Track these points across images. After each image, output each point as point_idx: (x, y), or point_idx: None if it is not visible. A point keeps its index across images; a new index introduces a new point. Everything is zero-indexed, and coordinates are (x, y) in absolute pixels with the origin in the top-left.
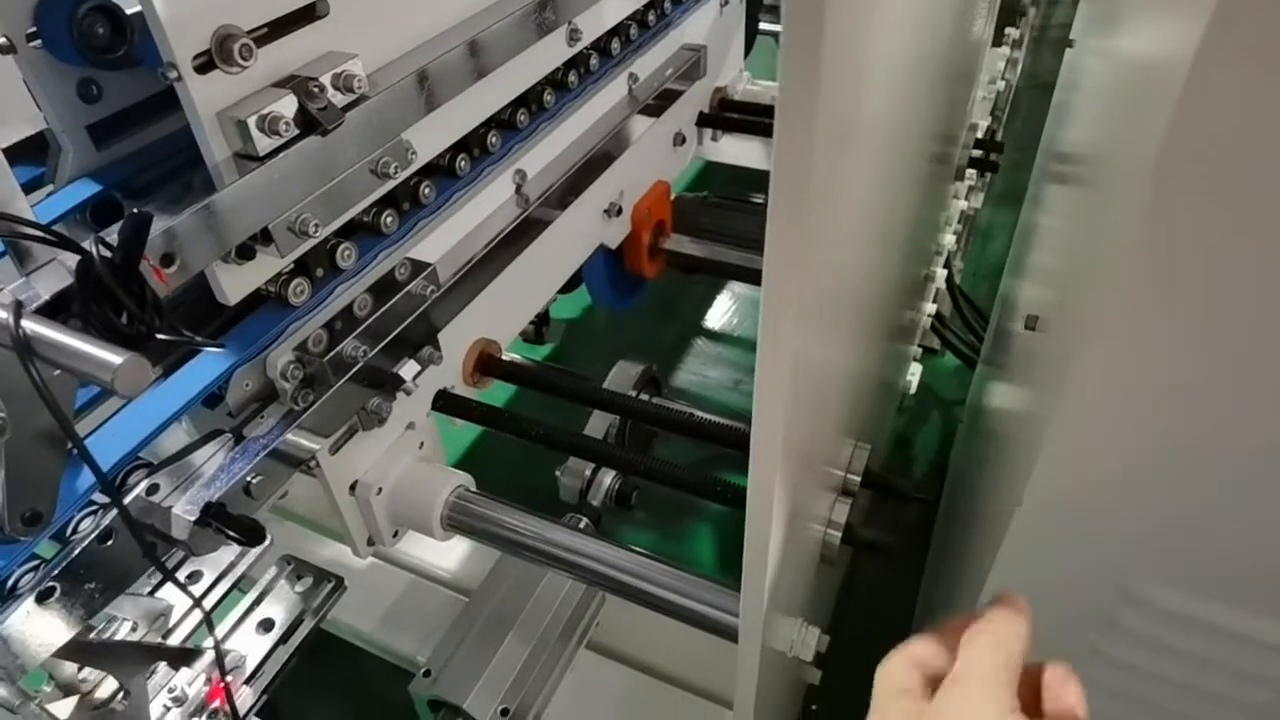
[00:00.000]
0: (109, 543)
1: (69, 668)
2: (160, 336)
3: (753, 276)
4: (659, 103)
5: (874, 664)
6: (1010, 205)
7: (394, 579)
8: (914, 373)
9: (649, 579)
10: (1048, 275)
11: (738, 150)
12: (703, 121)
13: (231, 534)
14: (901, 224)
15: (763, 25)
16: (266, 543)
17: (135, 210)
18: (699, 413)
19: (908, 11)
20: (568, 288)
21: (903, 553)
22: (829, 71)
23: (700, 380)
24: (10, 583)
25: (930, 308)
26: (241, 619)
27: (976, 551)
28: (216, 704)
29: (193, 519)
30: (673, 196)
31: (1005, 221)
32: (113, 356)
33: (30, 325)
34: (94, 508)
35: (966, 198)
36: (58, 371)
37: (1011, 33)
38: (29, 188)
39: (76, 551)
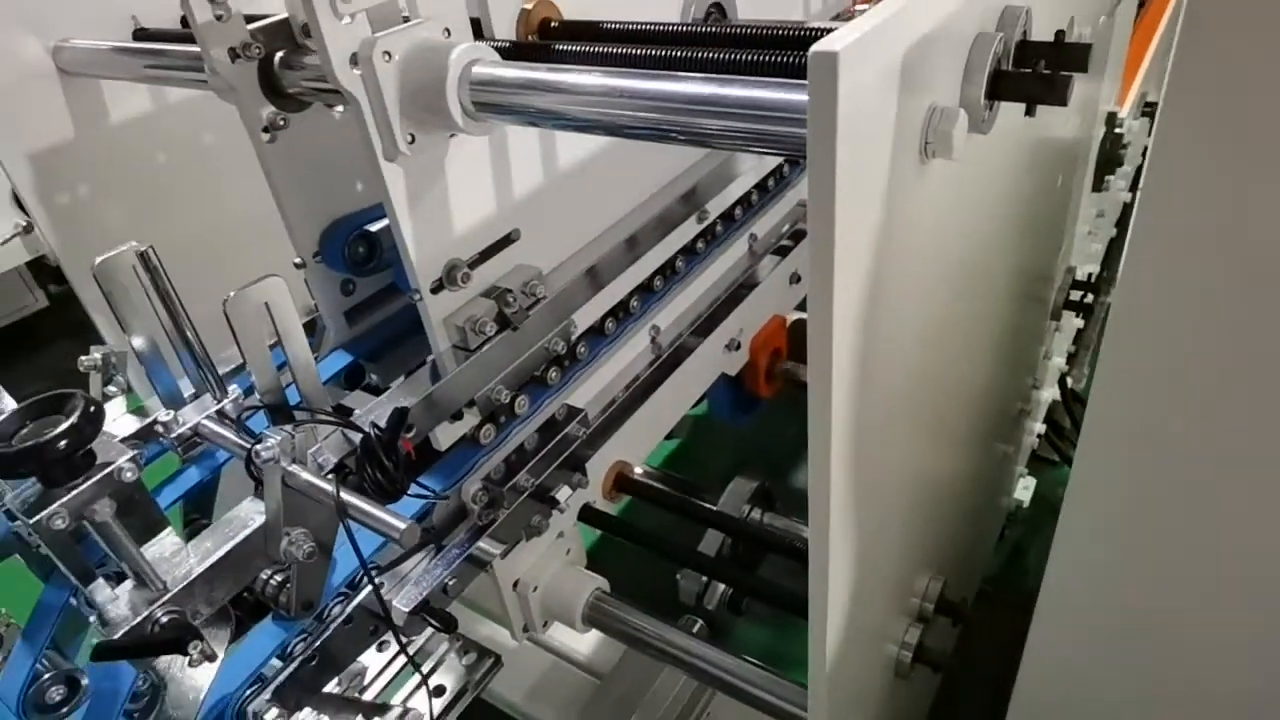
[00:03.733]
0: (350, 624)
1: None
2: (410, 495)
3: None
4: (778, 249)
5: None
6: None
7: (539, 658)
8: (1026, 487)
9: (749, 680)
10: None
11: None
12: None
13: (434, 623)
14: (973, 369)
15: None
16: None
17: (398, 407)
18: (804, 531)
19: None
20: None
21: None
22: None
23: None
24: (289, 649)
25: (1039, 428)
26: (419, 684)
27: None
28: None
29: (408, 609)
30: (790, 321)
31: None
32: (399, 522)
33: (346, 495)
34: (340, 598)
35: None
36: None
37: (1111, 180)
38: None
39: (329, 630)
